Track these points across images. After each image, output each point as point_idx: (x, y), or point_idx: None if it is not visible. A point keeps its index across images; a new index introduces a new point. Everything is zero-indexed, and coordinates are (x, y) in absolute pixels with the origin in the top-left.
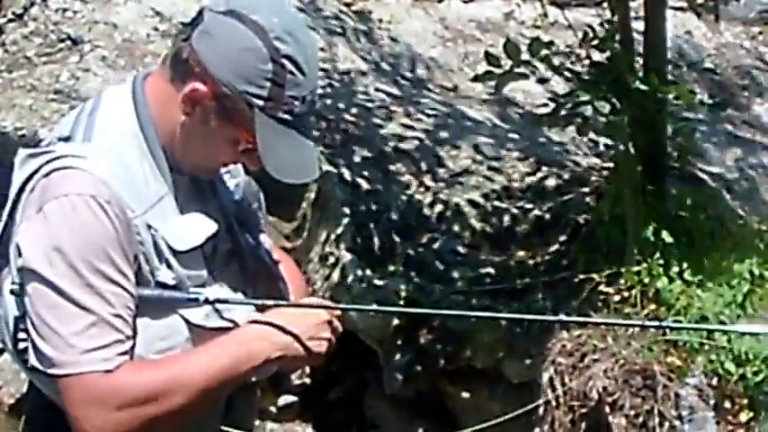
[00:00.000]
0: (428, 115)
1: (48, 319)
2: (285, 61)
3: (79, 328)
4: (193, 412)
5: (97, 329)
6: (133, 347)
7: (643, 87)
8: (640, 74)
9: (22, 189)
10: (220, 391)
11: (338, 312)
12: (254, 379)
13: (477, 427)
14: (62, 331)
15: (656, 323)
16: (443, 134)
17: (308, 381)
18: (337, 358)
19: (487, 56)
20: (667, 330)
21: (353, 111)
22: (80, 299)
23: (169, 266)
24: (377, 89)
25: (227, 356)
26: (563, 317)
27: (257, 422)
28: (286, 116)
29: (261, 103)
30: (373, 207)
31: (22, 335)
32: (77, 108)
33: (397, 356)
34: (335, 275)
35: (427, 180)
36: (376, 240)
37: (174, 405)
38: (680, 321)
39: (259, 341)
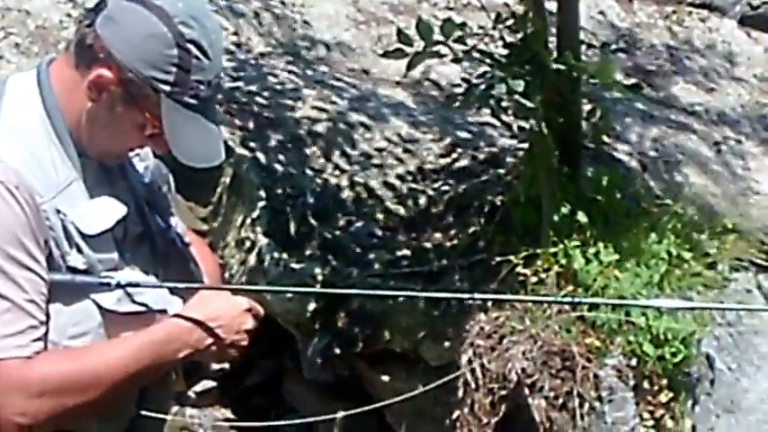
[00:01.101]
0: (341, 98)
1: None
2: (190, 46)
3: None
4: (112, 400)
5: (11, 315)
6: (47, 333)
7: (558, 66)
8: (554, 54)
9: None
10: (138, 384)
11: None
12: None
13: (394, 400)
14: None
15: (569, 299)
16: (357, 116)
17: (226, 366)
18: (255, 343)
19: (399, 33)
20: (585, 311)
21: (266, 94)
22: None
23: (79, 251)
24: (289, 72)
25: (147, 354)
26: (477, 295)
27: (175, 407)
28: (192, 101)
29: (167, 88)
30: (289, 190)
31: None
32: None
33: (315, 340)
34: (252, 259)
35: (342, 163)
36: (292, 224)
37: (91, 397)
38: (598, 304)
39: (178, 342)
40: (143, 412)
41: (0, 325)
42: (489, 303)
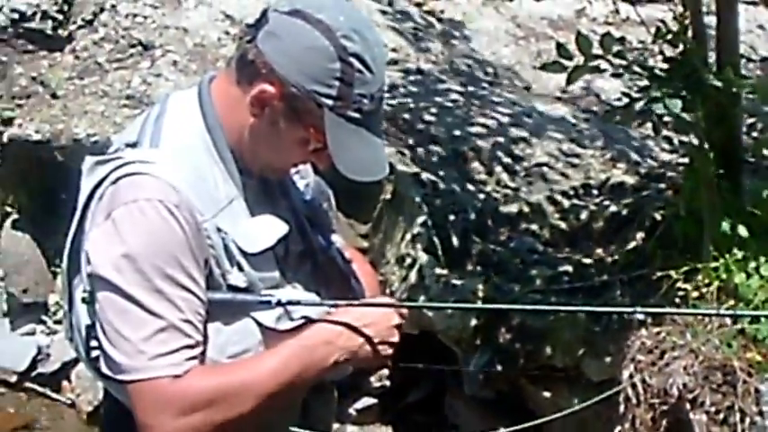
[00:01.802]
0: (503, 114)
1: (117, 326)
2: (353, 59)
3: (148, 333)
4: (262, 416)
5: (166, 335)
6: (204, 353)
7: (717, 83)
8: (713, 69)
9: (90, 197)
10: (289, 394)
11: (405, 312)
12: (330, 379)
13: (557, 416)
14: (131, 337)
15: (730, 312)
16: (519, 132)
17: (387, 383)
18: (416, 360)
19: (558, 47)
20: (746, 325)
21: (429, 111)
22: (149, 304)
23: (240, 269)
24: (450, 89)
25: (296, 360)
26: (639, 309)
27: (336, 425)
28: (355, 114)
29: (330, 102)
30: (450, 206)
31: (94, 343)
32: (144, 114)
33: (476, 357)
34: (412, 276)
35: (504, 178)
36: (453, 240)
37: (242, 410)
38: (758, 318)
39: (328, 345)
40: (302, 431)
41: (154, 344)
42: (650, 319)
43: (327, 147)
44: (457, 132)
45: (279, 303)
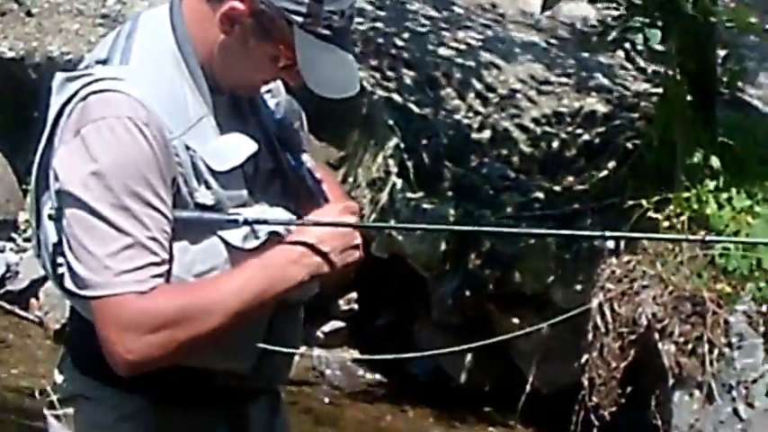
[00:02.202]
0: (477, 40)
1: (84, 242)
2: None
3: (114, 249)
4: (227, 334)
5: (133, 252)
6: (169, 272)
7: (693, 12)
8: None
9: (59, 114)
10: (253, 313)
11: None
12: (296, 299)
13: (522, 333)
14: (97, 253)
15: (699, 237)
16: (491, 57)
17: (355, 307)
18: (385, 285)
19: None
20: (716, 256)
21: (403, 35)
22: (116, 221)
23: (208, 187)
24: (425, 15)
25: (260, 279)
26: (608, 233)
27: (304, 348)
28: (325, 31)
29: (300, 19)
30: (422, 131)
31: (60, 260)
32: (115, 31)
33: (445, 282)
34: (383, 199)
35: (476, 104)
36: (425, 164)
37: (207, 328)
38: (729, 249)
39: (291, 264)
40: (271, 348)
41: (120, 260)
42: (622, 246)
43: (297, 64)
44: (429, 57)
45: (246, 222)
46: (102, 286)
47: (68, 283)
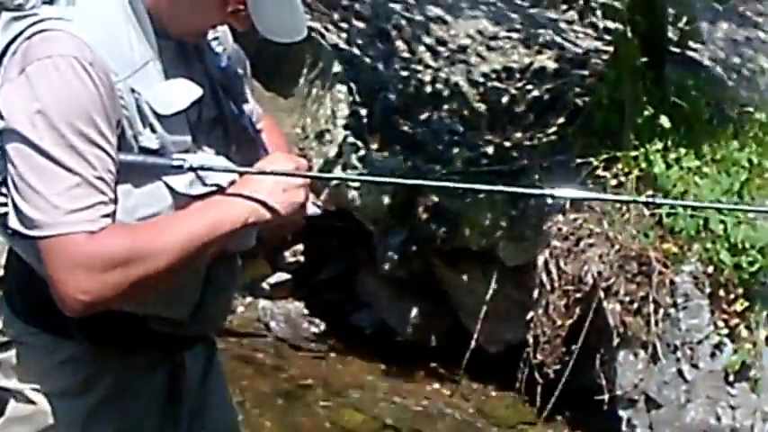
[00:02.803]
0: None
1: (30, 181)
2: None
3: (62, 188)
4: (175, 274)
5: (81, 190)
6: (114, 213)
7: None
8: None
9: (3, 52)
10: (201, 252)
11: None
12: (234, 249)
13: None
14: (45, 192)
15: (645, 199)
16: (441, 11)
17: (301, 259)
18: (330, 237)
19: None
20: (663, 216)
21: None
22: (63, 160)
23: (153, 131)
24: None
25: (209, 219)
26: (556, 192)
27: (249, 299)
28: None
29: None
30: (372, 84)
31: (1, 199)
32: None
33: (392, 236)
34: (332, 152)
35: (427, 58)
36: (374, 118)
37: (158, 266)
38: (675, 209)
39: (238, 206)
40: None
41: (69, 200)
42: (567, 205)
43: (246, 7)
44: (380, 9)
45: (191, 168)
46: (52, 226)
47: (14, 223)
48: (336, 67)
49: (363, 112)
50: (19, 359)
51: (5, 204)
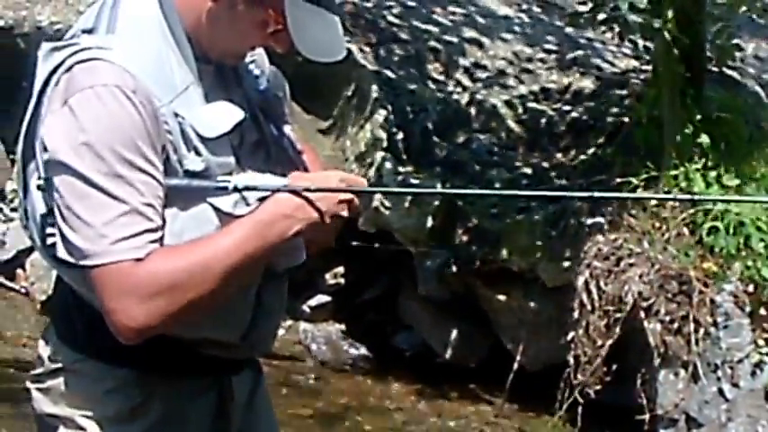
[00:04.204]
0: (466, 15)
1: (78, 211)
2: None
3: (110, 217)
4: (225, 295)
5: (128, 218)
6: (162, 238)
7: None
8: None
9: (46, 83)
10: (250, 270)
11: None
12: (283, 267)
13: None
14: (93, 221)
15: (687, 196)
16: (479, 35)
17: (341, 281)
18: (371, 259)
19: None
20: (704, 235)
21: (394, 10)
22: (110, 189)
23: (198, 153)
24: None
25: (255, 233)
26: (596, 194)
27: (290, 321)
28: None
29: None
30: (410, 106)
31: (50, 230)
32: (100, 1)
33: (432, 257)
34: (371, 174)
35: (464, 80)
36: (413, 140)
37: (206, 289)
38: (717, 228)
39: (282, 217)
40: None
41: (116, 227)
42: (607, 225)
43: (286, 28)
44: (418, 32)
45: (236, 189)
46: (100, 255)
47: (62, 253)
48: (375, 90)
49: (402, 134)
50: (68, 386)
51: (53, 235)
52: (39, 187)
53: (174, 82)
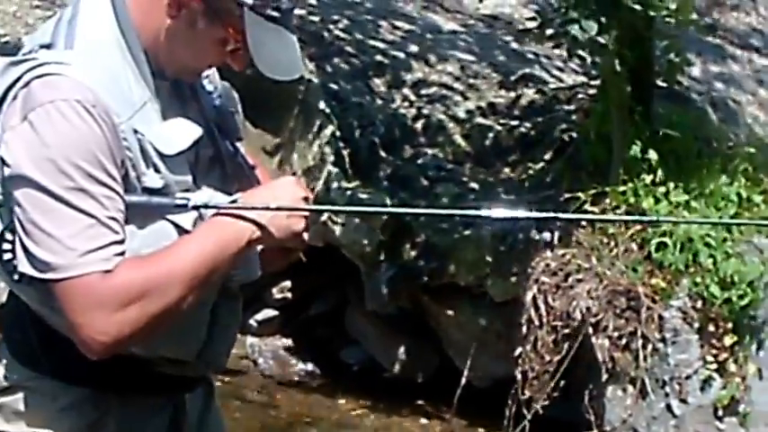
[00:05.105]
0: (413, 31)
1: (42, 225)
2: None
3: (76, 230)
4: (188, 309)
5: (94, 231)
6: (124, 251)
7: (633, 5)
8: None
9: (2, 99)
10: (212, 277)
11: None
12: (237, 282)
13: None
14: (58, 234)
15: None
16: (426, 49)
17: (288, 295)
18: (318, 273)
19: None
20: (652, 251)
21: (340, 24)
22: (74, 202)
23: (157, 171)
24: (360, 2)
25: (215, 241)
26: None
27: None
28: (274, 13)
29: (250, 1)
30: (358, 120)
31: (6, 245)
32: (56, 15)
33: (380, 272)
34: (319, 188)
35: (410, 94)
36: (360, 154)
37: (174, 297)
38: (665, 244)
39: (239, 223)
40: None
41: (82, 240)
42: (555, 240)
43: (245, 46)
44: (365, 46)
45: (195, 207)
46: (67, 268)
47: (25, 268)
48: (322, 103)
49: (350, 148)
50: (22, 404)
51: (10, 251)
52: None
53: (132, 98)
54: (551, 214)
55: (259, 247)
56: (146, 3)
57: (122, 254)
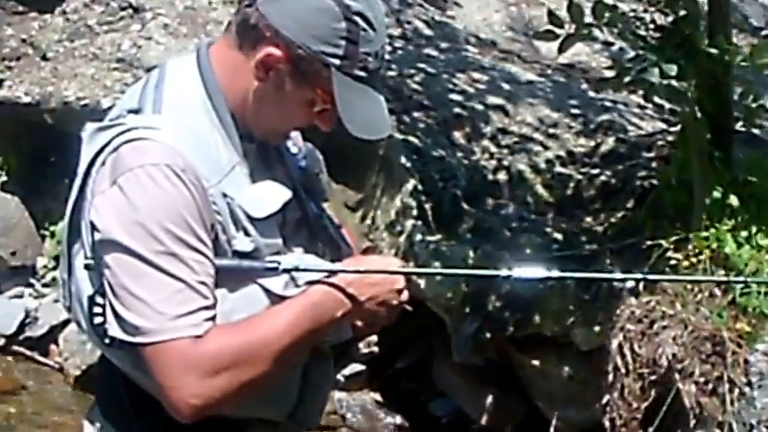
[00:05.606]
0: (491, 82)
1: (132, 289)
2: (357, 18)
3: (166, 294)
4: (279, 375)
5: (184, 296)
6: (215, 316)
7: (710, 50)
8: (705, 37)
9: (92, 163)
10: (304, 347)
11: (406, 279)
12: (329, 343)
13: None
14: (149, 299)
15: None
16: (506, 101)
17: (375, 349)
18: (405, 327)
19: (550, 15)
20: (737, 296)
21: (414, 78)
22: (165, 266)
23: (247, 234)
24: (437, 56)
25: (308, 314)
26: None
27: None
28: (361, 73)
29: (337, 62)
30: (439, 173)
31: (97, 309)
32: (142, 80)
33: (465, 324)
34: (402, 243)
35: (491, 146)
36: (442, 207)
37: (264, 367)
38: (749, 287)
39: (335, 299)
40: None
41: (173, 305)
42: (641, 287)
43: (334, 107)
44: (443, 99)
45: (285, 270)
46: (157, 332)
47: (115, 332)
48: (403, 158)
49: (431, 201)
50: None
51: (101, 314)
52: (86, 266)
53: (221, 162)
54: (576, 274)
55: None
56: (232, 65)
57: (212, 318)
